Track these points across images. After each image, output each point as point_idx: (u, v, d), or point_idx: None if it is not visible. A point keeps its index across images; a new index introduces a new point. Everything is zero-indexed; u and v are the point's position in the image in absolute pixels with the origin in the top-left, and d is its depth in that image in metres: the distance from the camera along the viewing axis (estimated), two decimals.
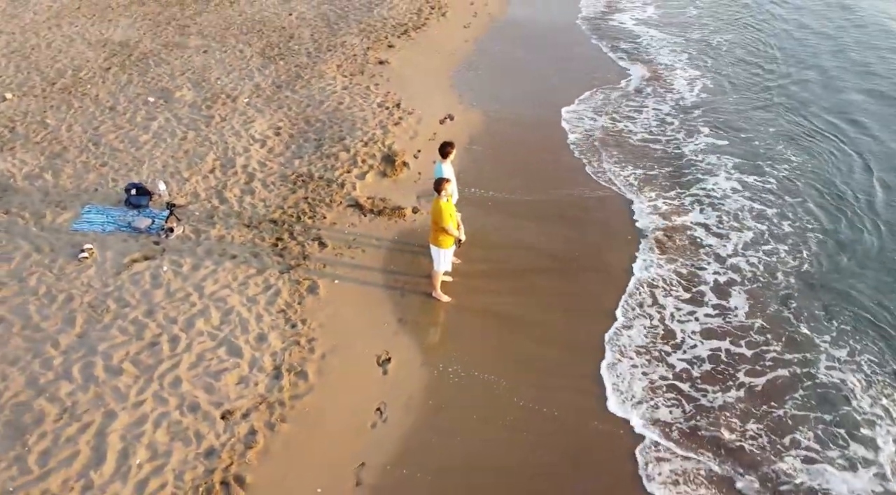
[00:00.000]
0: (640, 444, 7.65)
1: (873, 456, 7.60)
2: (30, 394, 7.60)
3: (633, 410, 8.05)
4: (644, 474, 7.34)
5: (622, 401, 8.17)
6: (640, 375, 8.54)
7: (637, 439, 7.72)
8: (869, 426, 7.92)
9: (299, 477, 7.16)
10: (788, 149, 13.40)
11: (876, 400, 8.24)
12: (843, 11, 20.67)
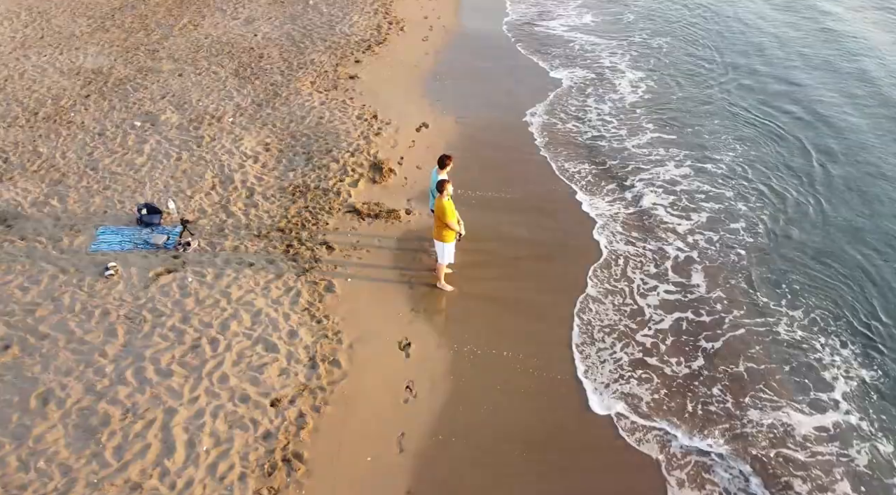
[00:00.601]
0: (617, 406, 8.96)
1: (832, 395, 9.11)
2: (91, 399, 8.29)
3: (608, 388, 9.36)
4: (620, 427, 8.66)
5: (596, 375, 9.46)
6: (610, 347, 9.86)
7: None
8: (826, 369, 9.44)
9: (349, 449, 8.13)
10: (733, 139, 15.07)
11: (832, 348, 9.78)
12: (776, 11, 22.78)
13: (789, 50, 19.60)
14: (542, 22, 21.56)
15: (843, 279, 11.03)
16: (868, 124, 15.66)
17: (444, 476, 7.94)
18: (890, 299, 10.62)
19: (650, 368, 9.44)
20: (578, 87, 17.35)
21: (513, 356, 9.54)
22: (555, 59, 18.83)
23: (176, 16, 19.49)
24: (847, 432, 8.61)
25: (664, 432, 8.55)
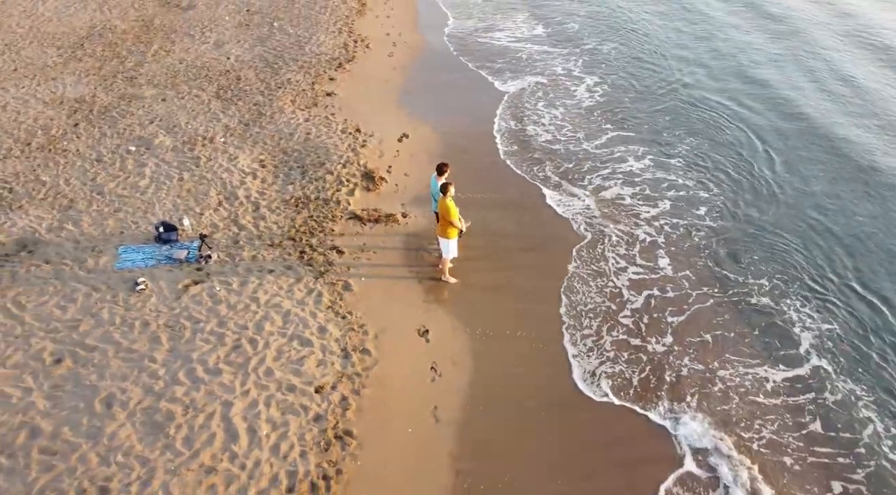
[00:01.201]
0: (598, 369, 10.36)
1: (798, 349, 10.71)
2: (151, 400, 9.11)
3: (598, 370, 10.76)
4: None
5: (581, 349, 10.86)
6: (596, 327, 11.27)
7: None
8: (791, 326, 11.04)
9: (392, 424, 9.21)
10: (686, 132, 16.75)
11: (795, 308, 11.41)
12: (714, 10, 24.87)
13: (730, 45, 21.60)
14: (498, 33, 22.98)
15: (795, 247, 12.77)
16: (806, 111, 17.64)
17: (477, 437, 9.12)
18: (835, 260, 12.40)
19: (634, 348, 10.85)
20: (538, 94, 18.82)
21: (518, 334, 10.82)
22: (516, 69, 20.25)
23: (145, 42, 20.04)
24: (815, 378, 10.20)
25: (643, 392, 9.96)
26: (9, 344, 9.90)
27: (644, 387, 9.97)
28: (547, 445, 9.07)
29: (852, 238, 13.07)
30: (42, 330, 10.16)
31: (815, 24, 23.65)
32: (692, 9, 25.06)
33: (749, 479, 8.70)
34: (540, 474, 8.70)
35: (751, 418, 9.56)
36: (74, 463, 8.28)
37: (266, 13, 22.44)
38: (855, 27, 23.41)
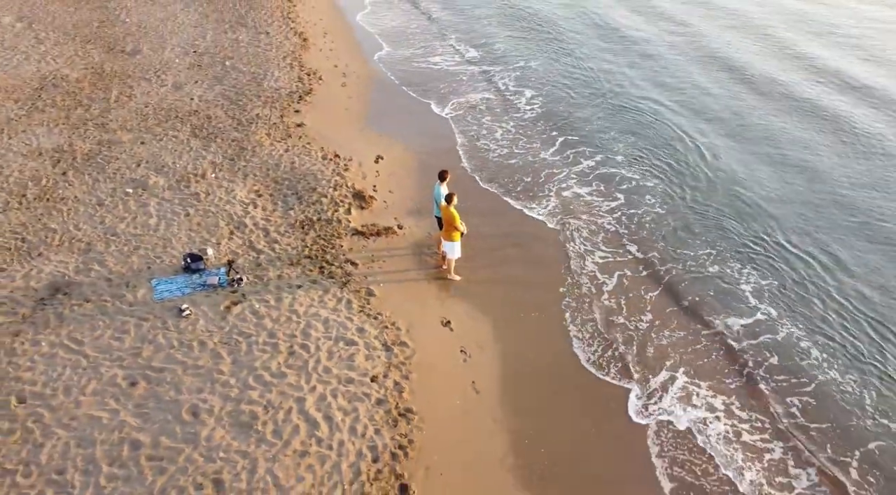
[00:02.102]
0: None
1: (749, 302, 13.19)
2: (232, 405, 10.35)
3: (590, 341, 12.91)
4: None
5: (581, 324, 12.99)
6: (587, 302, 13.43)
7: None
8: (738, 284, 13.54)
9: (441, 399, 10.88)
10: (625, 133, 19.32)
11: (741, 271, 13.93)
12: (628, 20, 27.88)
13: (645, 55, 24.55)
14: (436, 58, 24.99)
15: (733, 219, 15.46)
16: (718, 107, 20.66)
17: (512, 402, 10.96)
18: (765, 225, 15.27)
19: (618, 325, 13.04)
20: (486, 110, 20.95)
21: (525, 316, 12.75)
22: (460, 90, 22.31)
23: (103, 89, 20.65)
24: (767, 323, 12.69)
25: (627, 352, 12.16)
26: (80, 375, 10.81)
27: (631, 352, 12.14)
28: (566, 405, 11.02)
29: (775, 206, 15.96)
30: (107, 359, 11.12)
31: (712, 28, 27.18)
32: (606, 25, 28.03)
33: (724, 407, 10.99)
34: (563, 425, 10.63)
35: (719, 359, 11.89)
36: (182, 463, 9.44)
37: (214, 54, 23.45)
38: (749, 27, 27.10)
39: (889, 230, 15.21)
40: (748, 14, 29.32)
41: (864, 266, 14.12)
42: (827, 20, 28.69)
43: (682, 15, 29.10)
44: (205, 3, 28.34)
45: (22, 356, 11.15)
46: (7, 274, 12.97)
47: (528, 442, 10.37)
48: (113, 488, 9.10)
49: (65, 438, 9.79)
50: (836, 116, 20.41)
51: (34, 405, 10.29)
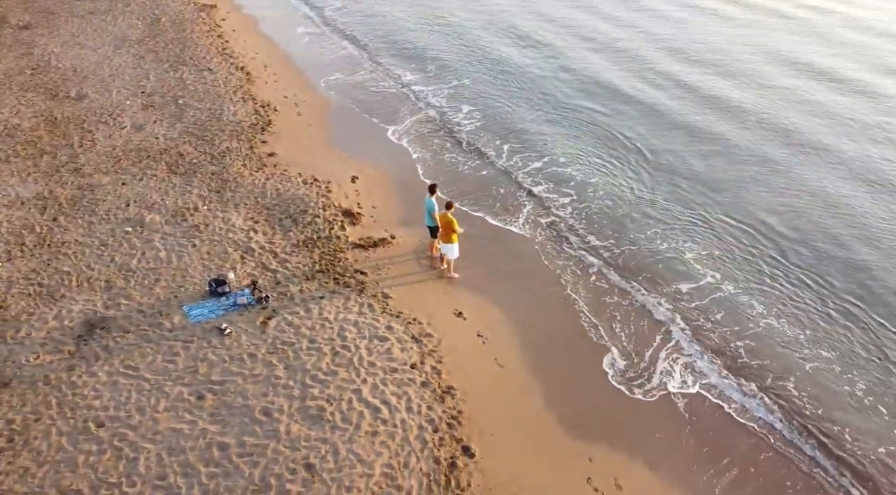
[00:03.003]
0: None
1: (696, 269, 15.83)
2: (298, 403, 11.71)
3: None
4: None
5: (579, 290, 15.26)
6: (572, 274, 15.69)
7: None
8: (684, 254, 16.19)
9: (474, 374, 12.70)
10: (568, 137, 21.81)
11: (686, 244, 16.58)
12: (545, 48, 30.57)
13: (572, 65, 27.33)
14: (381, 83, 26.73)
15: (675, 203, 18.20)
16: (651, 107, 23.60)
17: (531, 371, 12.94)
18: (704, 203, 18.10)
19: (596, 299, 15.35)
20: (434, 128, 22.93)
21: (523, 301, 14.78)
22: (408, 110, 24.18)
23: (62, 136, 20.97)
24: (711, 284, 15.35)
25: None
26: (147, 396, 11.81)
27: (609, 318, 14.47)
28: (570, 365, 13.16)
29: (709, 188, 18.95)
30: (167, 380, 12.16)
31: (626, 38, 30.51)
32: (528, 37, 30.74)
33: (689, 334, 13.51)
34: (573, 381, 12.75)
35: (680, 314, 14.43)
36: (272, 455, 10.75)
37: (163, 93, 24.11)
38: (659, 39, 30.61)
39: (806, 196, 18.54)
40: (655, 26, 33.00)
41: (794, 229, 17.20)
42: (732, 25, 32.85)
43: (593, 25, 32.38)
44: (135, 44, 28.70)
45: (84, 387, 11.99)
46: (38, 317, 13.60)
47: (552, 399, 12.37)
48: (216, 484, 10.29)
49: (155, 450, 10.83)
50: (742, 110, 23.91)
51: (114, 427, 11.23)
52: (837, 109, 23.90)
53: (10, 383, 12.06)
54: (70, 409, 11.55)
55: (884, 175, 19.74)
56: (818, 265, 15.96)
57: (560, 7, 35.95)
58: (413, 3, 36.51)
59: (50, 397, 11.78)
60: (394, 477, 10.53)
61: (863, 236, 17.00)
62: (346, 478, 10.42)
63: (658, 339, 13.90)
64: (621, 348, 13.64)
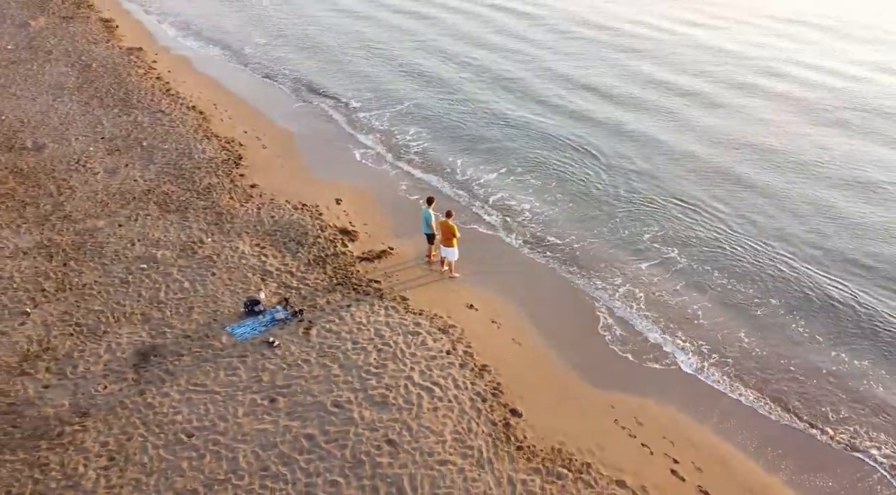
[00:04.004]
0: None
1: (651, 247, 18.82)
2: (362, 394, 13.45)
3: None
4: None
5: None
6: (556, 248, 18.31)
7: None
8: (642, 234, 19.16)
9: (501, 355, 14.90)
10: (520, 147, 24.50)
11: (641, 231, 19.57)
12: (482, 69, 33.17)
13: (512, 79, 30.15)
14: (328, 110, 28.45)
15: (628, 193, 21.26)
16: (592, 113, 26.68)
17: (545, 343, 15.31)
18: (653, 188, 21.26)
19: (578, 282, 18.02)
20: (390, 148, 25.03)
21: (519, 289, 17.17)
22: (363, 133, 26.12)
23: (36, 186, 21.32)
24: (665, 262, 18.38)
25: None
26: (224, 406, 13.18)
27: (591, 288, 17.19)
28: (571, 331, 15.70)
29: (657, 178, 22.19)
30: (236, 390, 13.56)
31: (559, 49, 33.79)
32: (457, 58, 33.41)
33: (652, 315, 16.42)
34: (581, 348, 15.29)
35: (648, 286, 17.35)
36: (354, 437, 12.47)
37: (124, 137, 24.75)
38: (591, 51, 34.07)
39: (745, 172, 22.16)
40: (590, 36, 36.61)
41: (739, 200, 20.65)
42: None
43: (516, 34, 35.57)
44: (74, 91, 28.92)
45: (161, 406, 13.18)
46: (89, 353, 14.53)
47: (567, 363, 14.79)
48: (315, 466, 11.91)
49: (249, 448, 12.27)
50: (672, 115, 27.59)
51: (204, 435, 12.55)
52: (751, 111, 28.17)
53: (89, 412, 13.04)
54: (157, 426, 12.72)
55: (785, 156, 23.82)
56: (754, 230, 19.43)
57: (481, 35, 39.05)
58: (340, 33, 38.46)
59: (133, 418, 12.89)
60: (463, 440, 12.53)
61: (780, 205, 20.73)
62: (424, 446, 12.32)
63: (634, 308, 16.66)
64: (612, 318, 16.28)
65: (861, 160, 23.82)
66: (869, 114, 27.55)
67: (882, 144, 25.01)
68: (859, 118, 27.18)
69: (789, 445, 13.07)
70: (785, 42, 37.12)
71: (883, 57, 34.69)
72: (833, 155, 24.21)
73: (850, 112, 27.75)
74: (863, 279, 17.51)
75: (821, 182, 22.35)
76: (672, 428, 13.29)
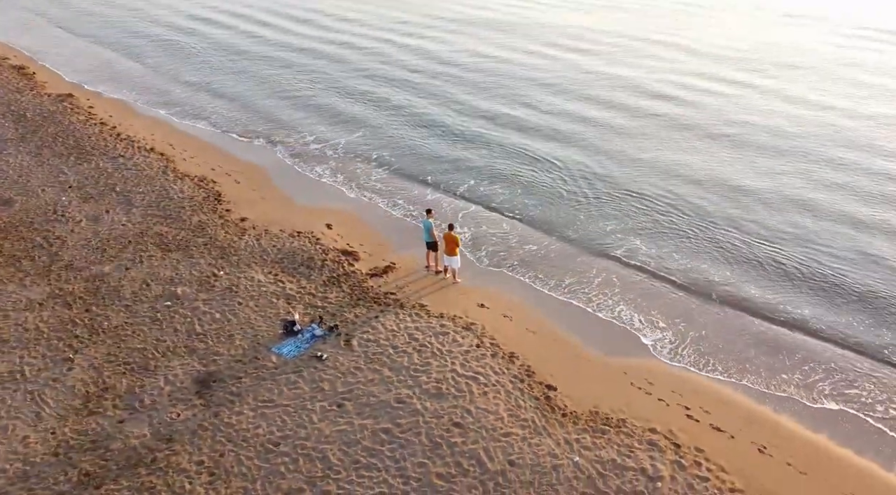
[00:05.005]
0: None
1: (617, 238, 21.81)
2: (418, 388, 15.27)
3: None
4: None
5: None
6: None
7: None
8: (606, 222, 22.10)
9: (518, 341, 17.16)
10: (483, 160, 26.86)
11: (610, 221, 22.51)
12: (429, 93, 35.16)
13: (457, 97, 32.50)
14: (287, 141, 29.69)
15: (583, 188, 24.09)
16: (541, 125, 29.44)
17: (554, 326, 17.75)
18: (612, 181, 24.06)
19: (564, 280, 20.67)
20: (360, 173, 26.79)
21: (517, 286, 19.54)
22: (330, 160, 27.66)
23: (22, 239, 21.33)
24: (632, 250, 21.41)
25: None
26: (297, 415, 14.59)
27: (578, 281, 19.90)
28: (574, 316, 18.28)
29: (617, 176, 25.22)
30: (303, 401, 14.99)
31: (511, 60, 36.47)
32: (400, 82, 35.46)
33: (621, 291, 19.39)
34: (583, 326, 17.89)
35: (612, 276, 20.29)
36: (424, 425, 14.29)
37: (92, 184, 24.99)
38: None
39: (694, 161, 25.58)
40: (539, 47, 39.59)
41: (693, 183, 24.01)
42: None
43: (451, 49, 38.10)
44: (20, 142, 28.58)
45: (239, 424, 14.42)
46: (149, 386, 15.46)
47: (578, 340, 17.28)
48: (399, 453, 13.65)
49: (335, 447, 13.82)
50: (613, 129, 30.93)
51: (290, 443, 13.95)
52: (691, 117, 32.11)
53: (173, 437, 14.08)
54: (242, 441, 13.98)
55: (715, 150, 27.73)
56: (696, 208, 22.85)
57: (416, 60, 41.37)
58: (279, 66, 39.57)
59: (218, 437, 14.07)
60: (517, 415, 14.66)
61: (705, 181, 24.39)
62: (486, 424, 14.34)
63: (617, 286, 19.46)
64: (595, 301, 18.98)
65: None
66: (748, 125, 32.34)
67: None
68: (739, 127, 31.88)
69: (767, 369, 16.16)
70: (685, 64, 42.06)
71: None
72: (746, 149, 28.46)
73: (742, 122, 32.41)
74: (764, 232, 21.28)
75: (747, 172, 26.36)
76: (677, 383, 16.03)
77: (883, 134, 29.59)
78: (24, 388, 15.40)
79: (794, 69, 38.29)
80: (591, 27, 47.65)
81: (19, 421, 14.54)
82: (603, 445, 13.93)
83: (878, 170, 26.35)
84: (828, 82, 36.10)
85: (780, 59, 40.02)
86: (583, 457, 13.54)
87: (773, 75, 37.32)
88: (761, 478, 13.33)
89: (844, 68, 38.39)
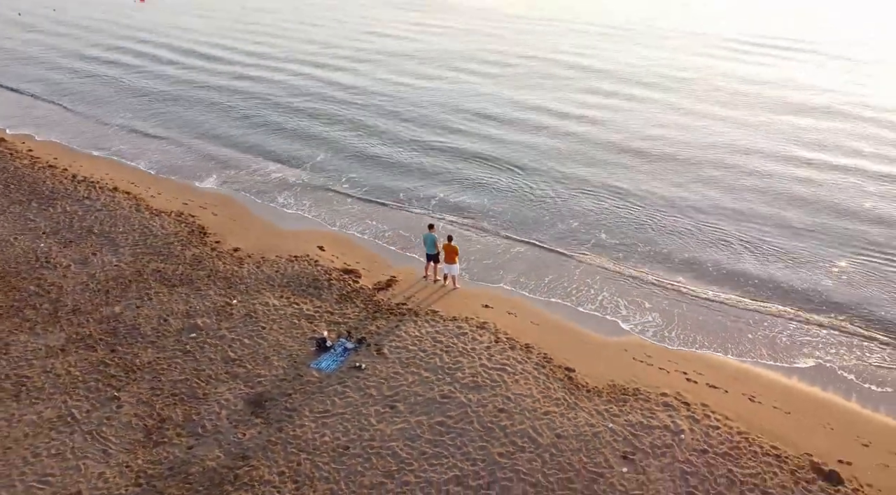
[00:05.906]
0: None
1: (583, 232, 24.46)
2: (458, 384, 17.04)
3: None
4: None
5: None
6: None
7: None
8: (578, 217, 24.74)
9: (528, 335, 19.30)
10: (448, 172, 28.79)
11: (571, 217, 25.08)
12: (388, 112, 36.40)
13: (408, 115, 34.18)
14: (251, 169, 30.39)
15: (542, 186, 26.61)
16: (493, 136, 31.61)
17: (554, 316, 20.04)
18: (581, 178, 26.71)
19: (551, 276, 23.06)
20: (334, 194, 28.10)
21: (514, 284, 21.72)
22: (300, 184, 28.72)
23: (15, 289, 21.22)
24: (597, 242, 24.12)
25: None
26: (355, 420, 15.98)
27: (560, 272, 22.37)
28: (571, 310, 20.69)
29: (578, 176, 27.76)
30: (357, 407, 16.38)
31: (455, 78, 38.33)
32: (358, 102, 36.75)
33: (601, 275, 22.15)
34: (580, 311, 20.33)
35: (600, 258, 22.98)
36: (473, 414, 16.07)
37: (66, 229, 24.82)
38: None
39: (650, 149, 28.54)
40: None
41: (644, 173, 26.90)
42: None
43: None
44: None
45: (304, 435, 15.64)
46: (205, 412, 16.32)
47: (577, 325, 19.63)
48: (460, 441, 15.38)
49: (400, 444, 15.35)
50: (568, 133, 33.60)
51: (357, 445, 15.34)
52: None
53: (247, 454, 15.11)
54: (313, 449, 15.23)
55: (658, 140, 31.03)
56: (649, 197, 25.92)
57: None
58: (236, 93, 39.79)
59: (290, 449, 15.24)
60: (549, 395, 16.75)
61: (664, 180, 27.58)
62: (527, 406, 16.34)
63: (597, 277, 22.04)
64: (581, 292, 21.48)
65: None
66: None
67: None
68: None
69: (738, 336, 19.14)
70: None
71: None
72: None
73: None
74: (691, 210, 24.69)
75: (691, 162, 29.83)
76: (669, 354, 18.70)
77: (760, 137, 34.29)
78: (81, 429, 15.82)
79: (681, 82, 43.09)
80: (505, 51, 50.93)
81: (88, 459, 15.03)
82: (628, 411, 16.27)
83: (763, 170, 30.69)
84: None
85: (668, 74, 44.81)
86: (615, 423, 15.81)
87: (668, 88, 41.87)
88: (757, 421, 16.11)
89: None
